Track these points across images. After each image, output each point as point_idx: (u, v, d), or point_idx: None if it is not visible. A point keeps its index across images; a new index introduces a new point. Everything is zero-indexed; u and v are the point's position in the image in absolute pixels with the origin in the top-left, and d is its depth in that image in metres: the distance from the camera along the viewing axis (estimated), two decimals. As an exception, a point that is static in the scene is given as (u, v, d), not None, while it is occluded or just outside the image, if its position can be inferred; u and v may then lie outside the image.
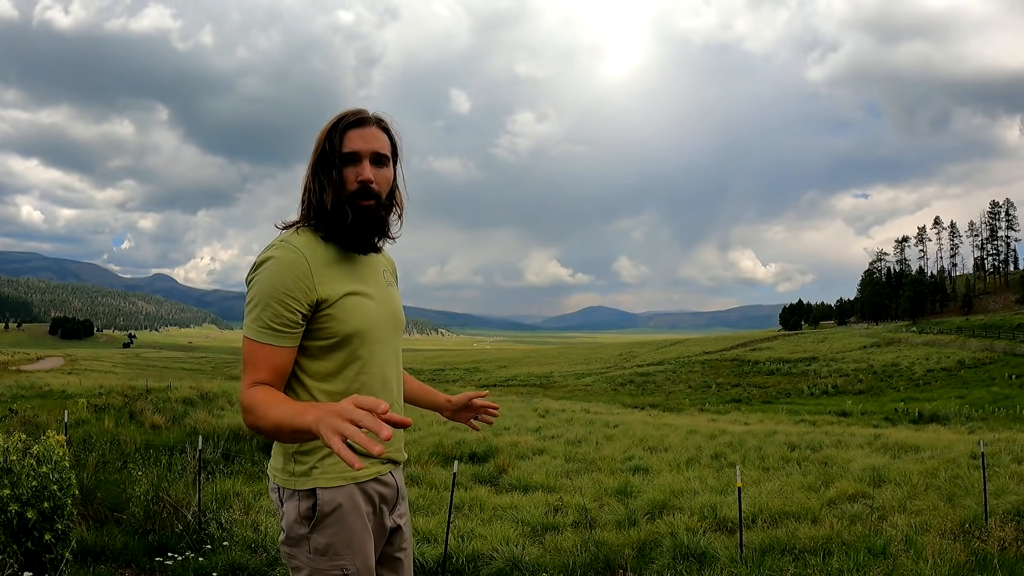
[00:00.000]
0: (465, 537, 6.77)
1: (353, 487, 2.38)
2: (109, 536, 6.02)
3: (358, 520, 2.38)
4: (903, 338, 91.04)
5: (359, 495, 2.39)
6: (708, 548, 6.26)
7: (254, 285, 2.24)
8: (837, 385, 60.27)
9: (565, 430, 17.70)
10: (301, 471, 2.33)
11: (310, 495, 2.32)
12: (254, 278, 2.25)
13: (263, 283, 2.22)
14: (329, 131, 2.35)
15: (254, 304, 2.22)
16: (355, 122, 2.37)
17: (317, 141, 2.37)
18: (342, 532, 2.34)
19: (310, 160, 2.38)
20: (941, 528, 6.62)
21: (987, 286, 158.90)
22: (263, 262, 2.25)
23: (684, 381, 74.39)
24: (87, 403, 16.37)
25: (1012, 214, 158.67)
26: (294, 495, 2.33)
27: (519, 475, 10.40)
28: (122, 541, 5.99)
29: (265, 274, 2.23)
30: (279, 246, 2.27)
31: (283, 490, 2.36)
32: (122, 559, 5.76)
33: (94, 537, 5.94)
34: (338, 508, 2.34)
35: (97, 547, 5.79)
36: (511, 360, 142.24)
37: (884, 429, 21.99)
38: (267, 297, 2.21)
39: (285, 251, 2.25)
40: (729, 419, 28.83)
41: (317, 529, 2.32)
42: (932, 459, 10.83)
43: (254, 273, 2.26)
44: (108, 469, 8.48)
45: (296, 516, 2.32)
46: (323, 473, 2.33)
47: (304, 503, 2.32)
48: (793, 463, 11.62)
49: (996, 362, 61.81)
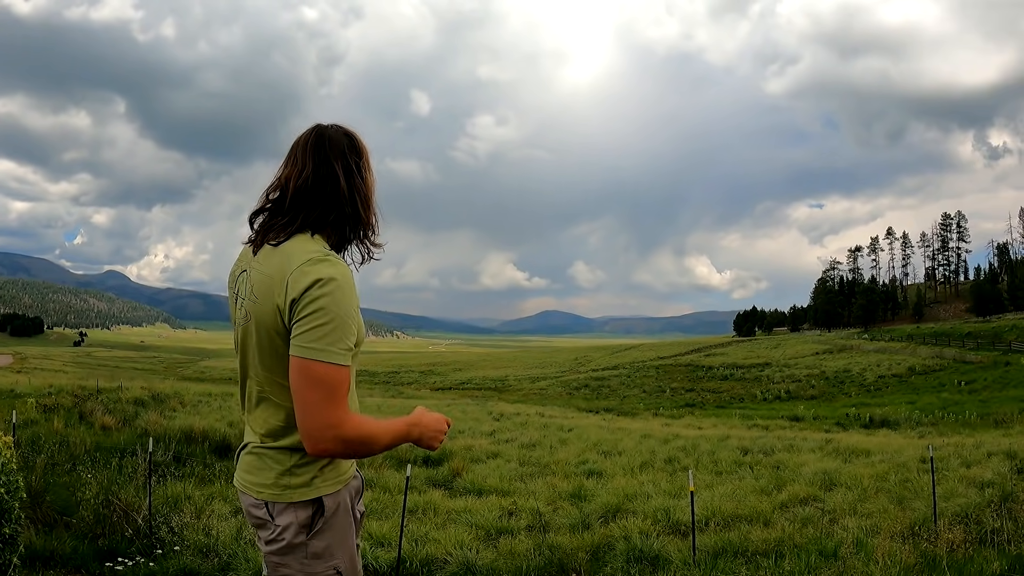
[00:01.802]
0: (419, 541, 6.74)
1: (345, 488, 2.41)
2: (58, 540, 5.91)
3: (348, 518, 2.41)
4: (855, 345, 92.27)
5: (346, 492, 2.41)
6: (661, 551, 6.28)
7: (326, 306, 2.13)
8: (790, 391, 60.87)
9: (520, 434, 17.70)
10: (300, 483, 2.31)
11: (309, 504, 2.31)
12: (321, 297, 2.13)
13: (337, 304, 2.15)
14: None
15: (333, 326, 2.13)
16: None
17: (367, 160, 2.44)
18: (338, 532, 2.36)
19: (366, 181, 2.41)
20: (891, 530, 6.69)
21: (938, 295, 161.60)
22: (328, 280, 2.14)
23: (639, 386, 74.74)
24: (36, 403, 15.98)
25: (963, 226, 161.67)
26: (289, 507, 2.30)
27: (473, 479, 10.37)
28: (71, 546, 5.89)
29: (338, 294, 2.15)
30: (334, 263, 2.21)
31: (274, 504, 2.32)
32: (71, 564, 5.66)
33: (43, 541, 5.83)
34: (336, 510, 2.35)
35: (46, 552, 5.68)
36: (466, 363, 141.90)
37: (836, 434, 22.24)
38: (346, 318, 2.16)
39: (344, 269, 2.22)
40: (683, 423, 29.03)
41: (317, 535, 2.32)
42: (883, 463, 10.97)
43: (320, 291, 2.13)
44: (57, 471, 8.31)
45: (296, 526, 2.30)
46: (324, 481, 2.33)
47: (303, 512, 2.31)
48: (746, 467, 11.71)
49: (946, 369, 62.82)
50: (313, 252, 2.21)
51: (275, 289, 2.21)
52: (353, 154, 2.38)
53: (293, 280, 2.16)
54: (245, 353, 2.39)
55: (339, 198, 2.34)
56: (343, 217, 2.34)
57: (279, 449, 2.33)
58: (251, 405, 2.42)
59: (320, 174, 2.32)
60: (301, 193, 2.32)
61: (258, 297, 2.27)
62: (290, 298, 2.16)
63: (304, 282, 2.14)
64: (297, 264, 2.18)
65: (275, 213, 2.36)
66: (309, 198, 2.32)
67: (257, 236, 2.39)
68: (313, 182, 2.32)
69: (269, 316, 2.23)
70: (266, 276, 2.26)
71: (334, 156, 2.34)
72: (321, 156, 2.33)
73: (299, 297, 2.14)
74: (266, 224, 2.38)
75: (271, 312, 2.22)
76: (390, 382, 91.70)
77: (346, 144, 2.38)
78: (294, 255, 2.21)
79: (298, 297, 2.14)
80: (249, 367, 2.38)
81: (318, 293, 2.13)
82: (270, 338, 2.26)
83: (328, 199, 2.33)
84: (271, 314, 2.23)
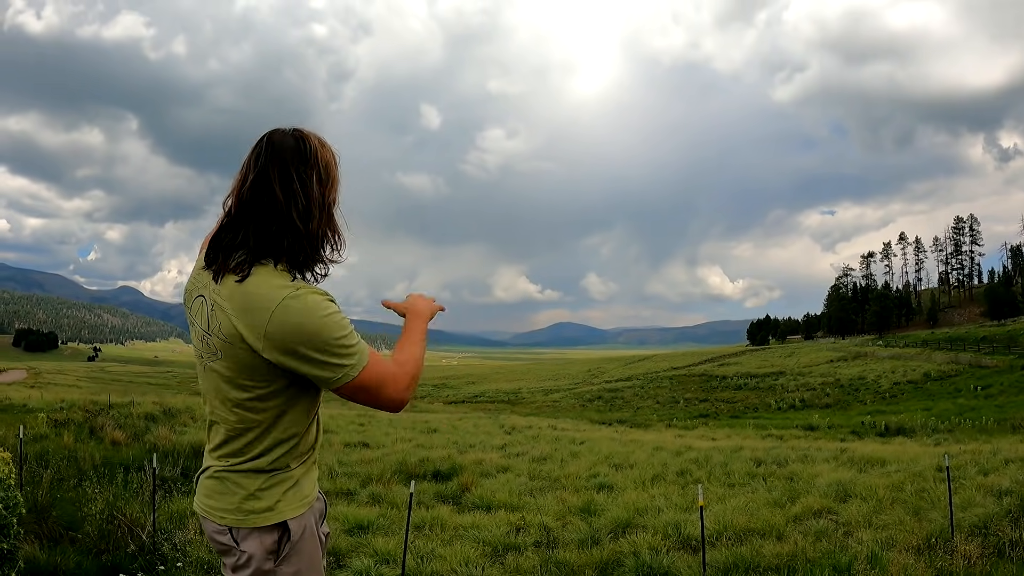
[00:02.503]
0: (425, 558, 6.66)
1: (309, 511, 2.35)
2: (62, 556, 5.91)
3: (314, 541, 2.36)
4: (869, 352, 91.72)
5: (311, 515, 2.36)
6: (671, 567, 6.17)
7: (336, 323, 2.13)
8: (804, 399, 60.47)
9: (531, 447, 17.57)
10: (264, 507, 2.25)
11: (274, 529, 2.25)
12: (329, 316, 2.12)
13: (341, 317, 2.15)
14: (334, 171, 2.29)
15: (349, 333, 2.15)
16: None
17: (333, 177, 2.28)
18: (306, 556, 2.31)
19: (311, 190, 2.21)
20: (907, 543, 6.55)
21: (952, 300, 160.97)
22: (326, 304, 2.14)
23: (652, 397, 74.45)
24: (47, 418, 16.04)
25: (976, 229, 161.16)
26: (254, 533, 2.24)
27: (482, 493, 10.26)
28: (75, 561, 5.88)
29: (337, 314, 2.14)
30: (301, 296, 2.13)
31: (238, 530, 2.25)
32: (75, 579, 5.62)
33: (47, 556, 5.83)
34: (303, 534, 2.30)
35: (49, 567, 5.68)
36: (479, 376, 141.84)
37: (851, 443, 22.04)
38: (350, 326, 2.17)
39: (311, 298, 2.14)
40: (696, 434, 28.85)
41: (286, 560, 2.26)
42: (898, 473, 10.79)
43: (303, 328, 2.09)
44: (64, 487, 8.40)
45: (263, 553, 2.24)
46: (288, 504, 2.28)
47: (268, 538, 2.25)
48: (759, 479, 11.55)
49: (962, 374, 62.31)
50: (279, 288, 2.12)
51: (251, 334, 2.12)
52: (297, 160, 2.18)
53: (273, 329, 2.09)
54: (208, 380, 2.30)
55: (276, 210, 2.17)
56: (284, 232, 2.18)
57: (242, 472, 2.26)
58: (214, 431, 2.34)
59: (257, 184, 2.17)
60: (243, 205, 2.20)
61: (227, 337, 2.17)
62: (275, 347, 2.10)
63: (285, 330, 2.09)
64: (269, 311, 2.10)
65: (226, 228, 2.24)
66: (249, 211, 2.18)
67: (213, 255, 2.25)
68: (251, 194, 2.18)
69: (244, 356, 2.16)
70: (235, 317, 2.15)
71: (272, 163, 2.17)
72: (260, 164, 2.18)
73: (287, 345, 2.10)
74: (217, 241, 2.25)
75: (246, 353, 2.16)
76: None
77: (290, 149, 2.19)
78: (262, 297, 2.12)
79: (286, 346, 2.10)
80: (213, 393, 2.29)
81: (303, 333, 2.09)
82: (242, 373, 2.19)
83: (267, 211, 2.17)
84: (246, 355, 2.16)
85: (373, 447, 15.79)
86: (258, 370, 2.16)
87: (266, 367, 2.15)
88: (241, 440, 2.25)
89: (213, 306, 2.21)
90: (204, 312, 2.25)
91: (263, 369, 2.16)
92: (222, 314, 2.17)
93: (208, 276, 2.25)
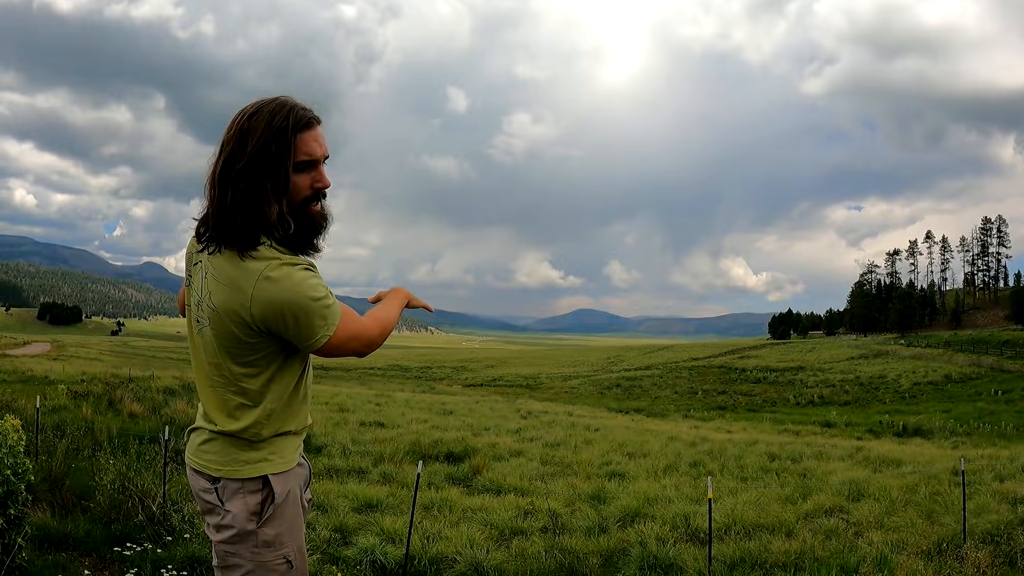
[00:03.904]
0: (431, 538, 6.67)
1: (292, 472, 2.41)
2: (73, 524, 5.99)
3: (297, 507, 2.42)
4: (891, 351, 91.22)
5: (295, 480, 2.42)
6: (677, 559, 6.13)
7: (311, 292, 2.18)
8: (823, 396, 60.26)
9: (545, 432, 17.59)
10: (258, 458, 2.33)
11: (258, 489, 2.31)
12: (304, 285, 2.18)
13: (316, 283, 2.20)
14: (278, 135, 2.19)
15: (322, 297, 2.20)
16: (306, 124, 2.25)
17: (257, 144, 2.19)
18: (287, 520, 2.36)
19: (240, 164, 2.19)
20: (917, 547, 6.48)
21: (976, 302, 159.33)
22: (300, 273, 2.19)
23: (671, 386, 74.36)
24: (67, 389, 16.19)
25: (1004, 231, 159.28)
26: (239, 491, 2.31)
27: (493, 477, 10.26)
28: (85, 529, 5.95)
29: (310, 280, 2.19)
30: (275, 278, 2.16)
31: (226, 488, 2.32)
32: (84, 547, 5.71)
33: (58, 524, 5.91)
34: (286, 498, 2.35)
35: (60, 534, 5.74)
36: (499, 360, 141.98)
37: (867, 441, 21.93)
38: (324, 290, 2.22)
39: (284, 270, 2.18)
40: (712, 426, 28.78)
41: (268, 522, 2.31)
42: (913, 474, 10.70)
43: (300, 281, 2.18)
44: (79, 457, 8.48)
45: (246, 513, 2.30)
46: (272, 465, 2.34)
47: (252, 498, 2.31)
48: (772, 474, 11.49)
49: (983, 377, 61.91)
50: (256, 263, 2.19)
51: (236, 307, 2.19)
52: (239, 131, 2.22)
53: (254, 303, 2.16)
54: (198, 345, 2.38)
55: (212, 182, 2.24)
56: (245, 214, 2.21)
57: (229, 435, 2.33)
58: (205, 395, 2.41)
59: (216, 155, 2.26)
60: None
61: (216, 306, 2.24)
62: (257, 319, 2.18)
63: (266, 303, 2.16)
64: (251, 284, 2.17)
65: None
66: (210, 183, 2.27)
67: (199, 227, 2.33)
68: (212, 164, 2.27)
69: (232, 326, 2.23)
70: (225, 291, 2.22)
71: (225, 134, 2.25)
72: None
73: (267, 317, 2.17)
74: (204, 213, 2.32)
75: (233, 324, 2.22)
76: (422, 377, 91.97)
77: (240, 118, 2.25)
78: (243, 271, 2.19)
79: (266, 317, 2.17)
80: (204, 358, 2.36)
81: (282, 305, 2.16)
82: (230, 341, 2.26)
83: (213, 184, 2.25)
84: (234, 325, 2.23)
85: (388, 427, 15.84)
86: (245, 340, 2.23)
87: (253, 337, 2.22)
88: (228, 405, 2.32)
89: (206, 274, 2.28)
90: (200, 278, 2.32)
91: (250, 339, 2.23)
92: (214, 283, 2.24)
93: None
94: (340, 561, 5.88)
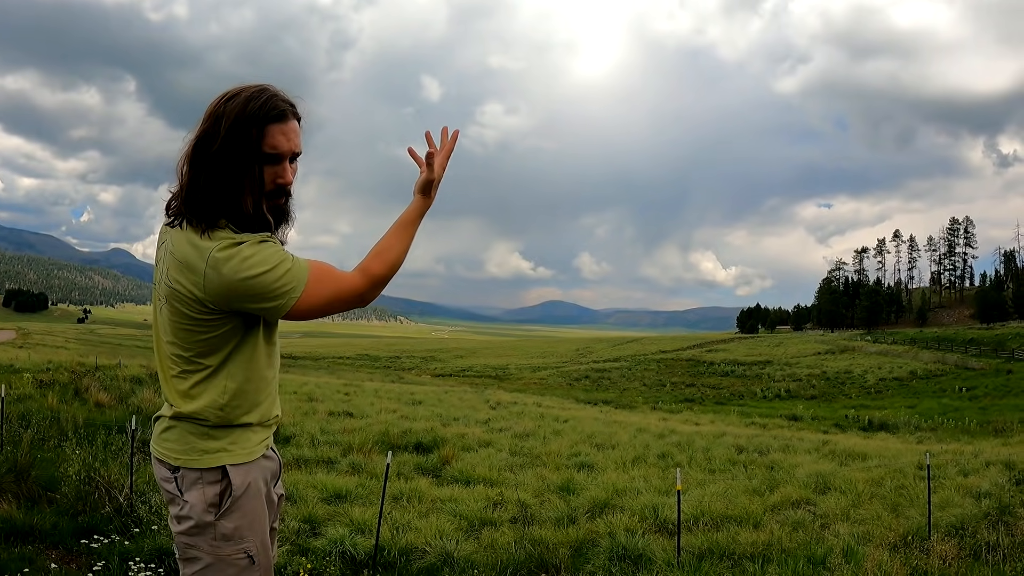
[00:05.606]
0: (400, 529, 6.63)
1: (255, 464, 2.36)
2: (40, 516, 5.90)
3: (260, 501, 2.38)
4: (857, 346, 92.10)
5: (258, 473, 2.38)
6: (645, 550, 6.14)
7: (261, 265, 2.14)
8: (790, 390, 60.73)
9: (514, 423, 17.58)
10: (217, 448, 2.30)
11: (217, 480, 2.27)
12: (254, 259, 2.14)
13: (268, 255, 2.16)
14: (247, 122, 2.15)
15: (274, 267, 2.15)
16: (278, 116, 2.20)
17: (226, 128, 2.16)
18: (248, 514, 2.32)
19: (211, 147, 2.17)
20: (884, 539, 6.54)
21: (942, 300, 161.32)
22: (251, 248, 2.15)
23: (639, 379, 74.74)
24: (32, 378, 15.92)
25: (971, 232, 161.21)
26: (198, 482, 2.27)
27: (462, 467, 10.24)
28: (52, 521, 5.86)
29: (261, 255, 2.15)
30: (227, 258, 2.13)
31: (185, 477, 2.28)
32: (50, 540, 5.62)
33: (24, 516, 5.81)
34: (247, 489, 2.32)
35: (26, 526, 5.65)
36: (468, 351, 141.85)
37: (833, 435, 22.10)
38: (276, 259, 2.16)
39: (233, 250, 2.15)
40: (680, 419, 28.92)
41: (226, 515, 2.27)
42: (879, 468, 10.80)
43: (250, 256, 2.14)
44: (45, 447, 8.36)
45: (203, 504, 2.26)
46: (231, 456, 2.31)
47: (211, 489, 2.27)
48: (740, 466, 11.56)
49: (947, 374, 62.62)
50: (208, 240, 2.18)
51: (190, 286, 2.18)
52: (215, 114, 2.20)
53: (208, 281, 2.14)
54: (159, 323, 2.37)
55: (186, 160, 2.24)
56: (217, 202, 2.21)
57: (187, 418, 2.30)
58: (164, 375, 2.38)
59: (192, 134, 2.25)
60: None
61: (172, 283, 2.22)
62: (212, 298, 2.16)
63: (220, 281, 2.13)
64: (203, 264, 2.15)
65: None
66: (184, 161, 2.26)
67: (171, 200, 2.32)
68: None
69: (188, 303, 2.20)
70: (180, 269, 2.20)
71: (203, 115, 2.24)
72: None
73: (222, 295, 2.16)
74: (176, 188, 2.31)
75: (190, 301, 2.19)
76: (391, 367, 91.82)
77: (219, 101, 2.22)
78: (197, 248, 2.18)
79: (221, 295, 2.16)
80: (163, 337, 2.34)
81: (234, 282, 2.13)
82: (186, 319, 2.23)
83: (185, 162, 2.25)
84: (190, 302, 2.20)
85: (357, 416, 15.75)
86: (199, 317, 2.21)
87: (207, 314, 2.20)
88: (185, 383, 2.30)
89: (168, 251, 2.26)
90: (164, 255, 2.30)
91: (204, 316, 2.20)
92: (172, 260, 2.23)
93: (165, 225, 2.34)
94: (309, 552, 5.84)
